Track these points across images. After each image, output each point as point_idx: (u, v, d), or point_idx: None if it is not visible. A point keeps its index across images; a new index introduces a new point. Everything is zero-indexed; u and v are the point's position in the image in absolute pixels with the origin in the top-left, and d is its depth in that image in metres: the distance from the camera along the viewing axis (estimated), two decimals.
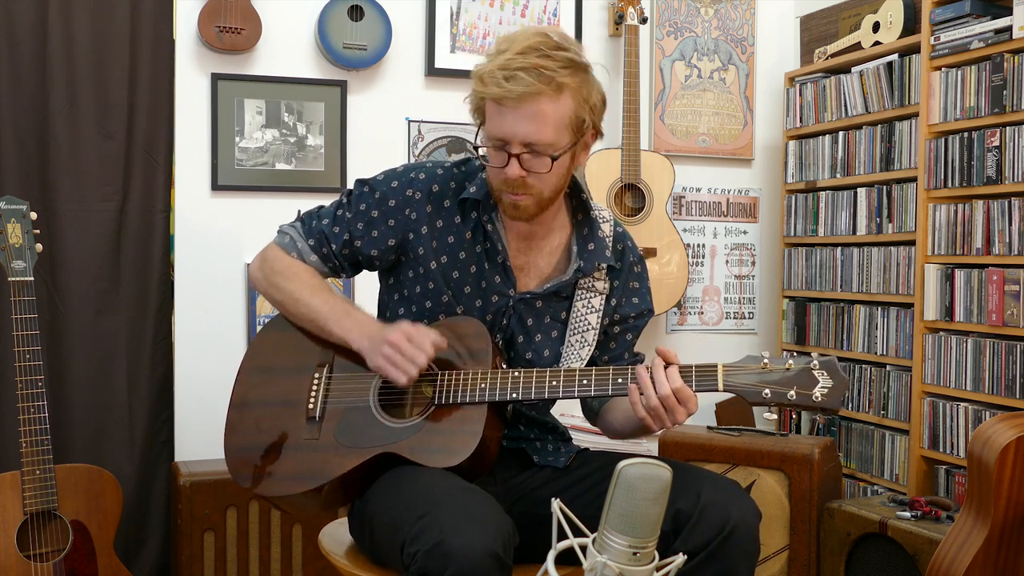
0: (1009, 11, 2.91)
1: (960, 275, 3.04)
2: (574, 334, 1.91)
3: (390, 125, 3.47)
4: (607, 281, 1.94)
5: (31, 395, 2.47)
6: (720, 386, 1.69)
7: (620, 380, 1.73)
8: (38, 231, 2.56)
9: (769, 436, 3.12)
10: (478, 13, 3.55)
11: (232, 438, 1.93)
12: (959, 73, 3.05)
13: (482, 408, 1.77)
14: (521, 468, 1.93)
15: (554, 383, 1.75)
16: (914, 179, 3.23)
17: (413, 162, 1.99)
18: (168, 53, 3.20)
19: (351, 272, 2.01)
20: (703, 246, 3.92)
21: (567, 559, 1.48)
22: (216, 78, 3.24)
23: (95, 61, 3.10)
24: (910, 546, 2.69)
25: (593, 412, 2.02)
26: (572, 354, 1.90)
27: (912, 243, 3.23)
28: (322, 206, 2.00)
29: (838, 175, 3.58)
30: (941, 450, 3.10)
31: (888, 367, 3.36)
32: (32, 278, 2.51)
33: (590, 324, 1.91)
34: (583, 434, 2.98)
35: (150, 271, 3.18)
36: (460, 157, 1.97)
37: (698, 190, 3.90)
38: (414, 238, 1.89)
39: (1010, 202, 2.89)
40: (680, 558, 1.43)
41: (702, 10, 3.87)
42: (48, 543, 2.49)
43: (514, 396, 1.76)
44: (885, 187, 3.37)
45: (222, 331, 3.25)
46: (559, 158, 1.78)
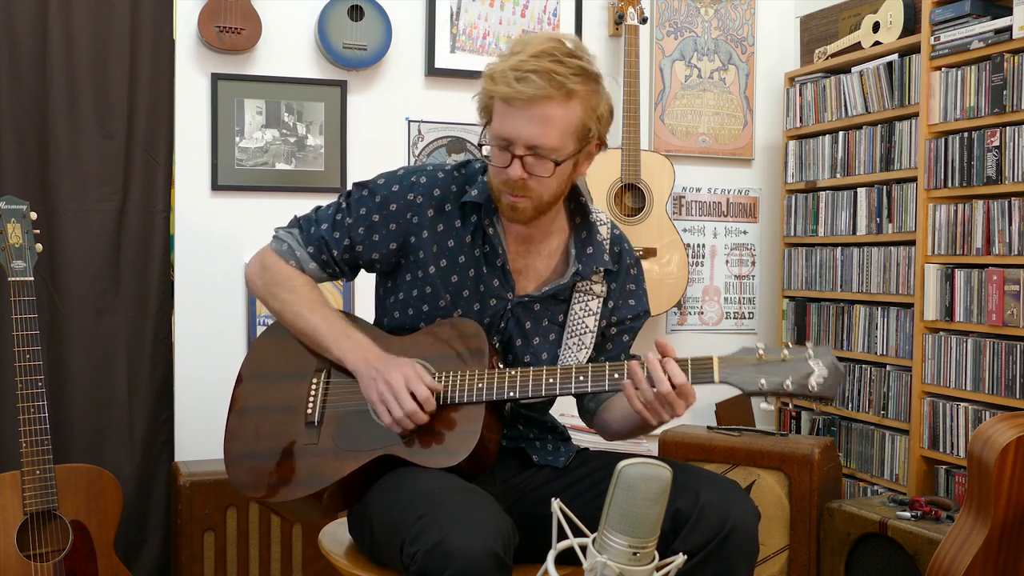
0: (1009, 11, 2.91)
1: (960, 275, 3.04)
2: (571, 336, 1.91)
3: (390, 125, 3.47)
4: (604, 284, 1.94)
5: (31, 395, 2.47)
6: (716, 378, 1.68)
7: (617, 375, 1.73)
8: (38, 231, 2.56)
9: (769, 436, 3.12)
10: (478, 13, 3.55)
11: (232, 445, 1.93)
12: (959, 73, 3.05)
13: (480, 408, 1.77)
14: (521, 468, 1.93)
15: (551, 381, 1.75)
16: (914, 179, 3.22)
17: (412, 165, 1.98)
18: (168, 53, 3.20)
19: (350, 276, 2.00)
20: (703, 246, 3.92)
21: (567, 559, 1.48)
22: (216, 78, 3.24)
23: (95, 61, 3.10)
24: (910, 546, 2.69)
25: (589, 413, 2.02)
26: (569, 357, 1.90)
27: (912, 243, 3.23)
28: (319, 207, 1.98)
29: (838, 175, 3.58)
30: (941, 450, 3.10)
31: (888, 367, 3.36)
32: (32, 278, 2.51)
33: (587, 327, 1.91)
34: (583, 434, 2.98)
35: (150, 271, 3.19)
36: (460, 160, 1.97)
37: (698, 190, 3.90)
38: (415, 241, 1.89)
39: (1010, 202, 2.89)
40: (680, 558, 1.43)
41: (702, 10, 3.87)
42: (48, 543, 2.49)
43: (512, 395, 1.76)
44: (885, 187, 3.37)
45: (222, 331, 3.25)
46: (562, 164, 1.78)
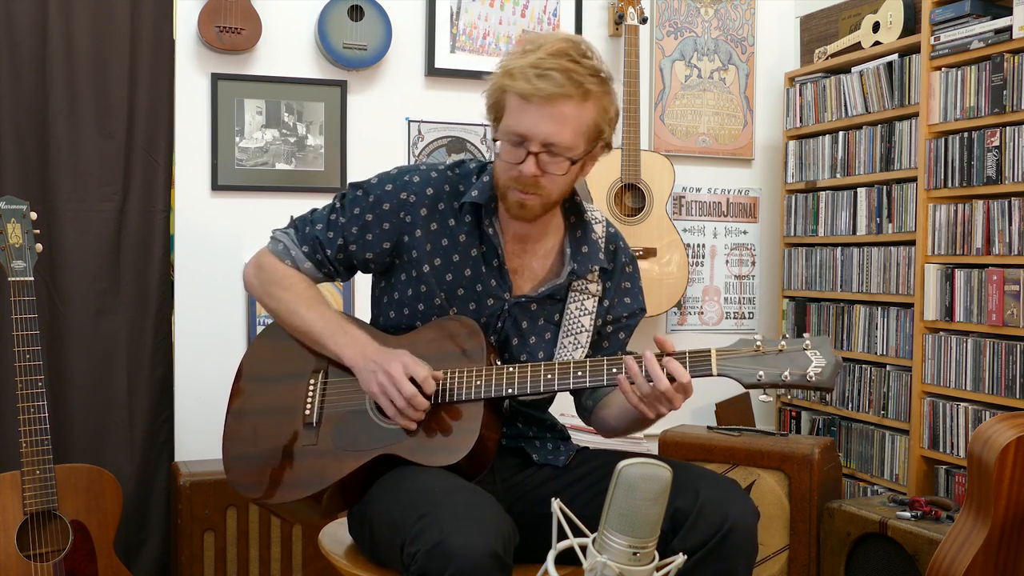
0: (1009, 11, 2.91)
1: (960, 275, 3.04)
2: (567, 335, 1.92)
3: (390, 125, 3.47)
4: (600, 283, 1.95)
5: (31, 395, 2.47)
6: (714, 371, 1.69)
7: (615, 370, 1.73)
8: (38, 231, 2.56)
9: (769, 436, 3.12)
10: (478, 13, 3.55)
11: (231, 447, 1.93)
12: (959, 73, 3.05)
13: (478, 405, 1.77)
14: (521, 467, 1.93)
15: (549, 376, 1.76)
16: (914, 179, 3.22)
17: (406, 164, 1.98)
18: (168, 53, 3.20)
19: (346, 276, 2.00)
20: (703, 246, 3.92)
21: (567, 559, 1.48)
22: (216, 78, 3.24)
23: (95, 61, 3.10)
24: (910, 546, 2.69)
25: (587, 411, 2.02)
26: (566, 356, 1.90)
27: (912, 243, 3.23)
28: (315, 209, 1.99)
29: (838, 175, 3.58)
30: (941, 450, 3.09)
31: (888, 367, 3.36)
32: (32, 278, 2.51)
33: (583, 326, 1.92)
34: (583, 434, 2.98)
35: (150, 271, 3.18)
36: (455, 159, 1.98)
37: (698, 190, 3.90)
38: (409, 241, 1.89)
39: (1010, 202, 2.89)
40: (680, 558, 1.43)
41: (702, 10, 3.87)
42: (48, 543, 2.49)
43: (510, 392, 1.76)
44: (885, 187, 3.37)
45: (222, 331, 3.25)
46: (576, 163, 1.79)
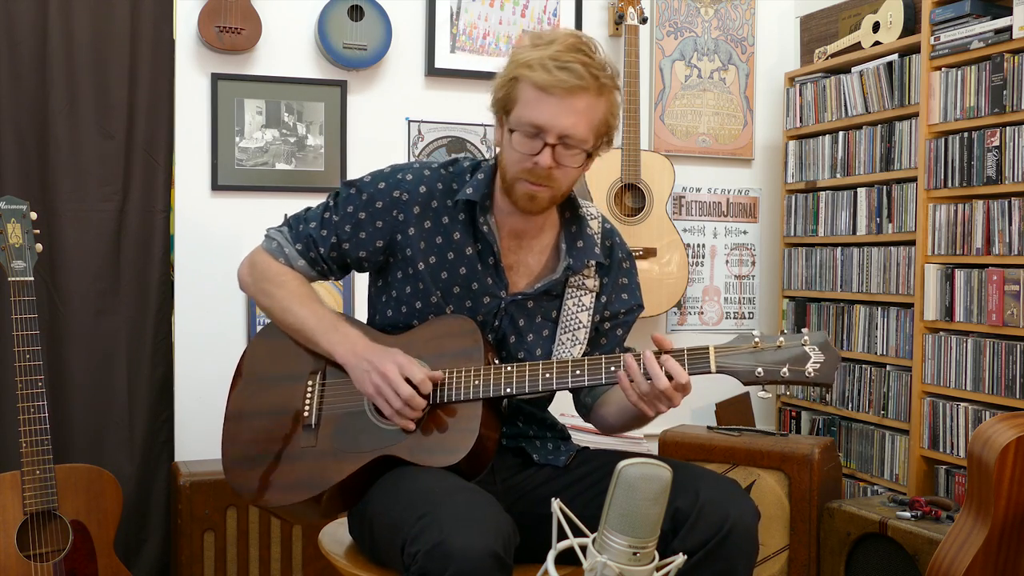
0: (1009, 11, 2.91)
1: (960, 275, 3.04)
2: (565, 332, 1.91)
3: (390, 125, 3.47)
4: (596, 279, 1.95)
5: (31, 395, 2.47)
6: (713, 368, 1.69)
7: (613, 368, 1.73)
8: (38, 231, 2.56)
9: (769, 436, 3.12)
10: (478, 13, 3.55)
11: (229, 450, 1.93)
12: (959, 73, 3.05)
13: (477, 405, 1.77)
14: (521, 467, 1.93)
15: (547, 375, 1.76)
16: (914, 179, 3.22)
17: (400, 163, 1.98)
18: (168, 53, 3.20)
19: (339, 275, 2.00)
20: (703, 246, 3.92)
21: (567, 559, 1.48)
22: (216, 78, 3.24)
23: (95, 61, 3.10)
24: (910, 546, 2.69)
25: (586, 408, 2.02)
26: (563, 352, 1.90)
27: (912, 243, 3.23)
28: (309, 208, 1.99)
29: (838, 175, 3.58)
30: (941, 450, 3.09)
31: (888, 367, 3.36)
32: (32, 278, 2.51)
33: (581, 322, 1.92)
34: (583, 434, 2.98)
35: (150, 271, 3.18)
36: (450, 158, 1.98)
37: (698, 190, 3.90)
38: (402, 239, 1.89)
39: (1010, 202, 2.89)
40: (680, 558, 1.43)
41: (702, 10, 3.87)
42: (48, 543, 2.49)
43: (508, 391, 1.76)
44: (885, 187, 3.37)
45: (222, 331, 3.25)
46: (590, 156, 1.82)
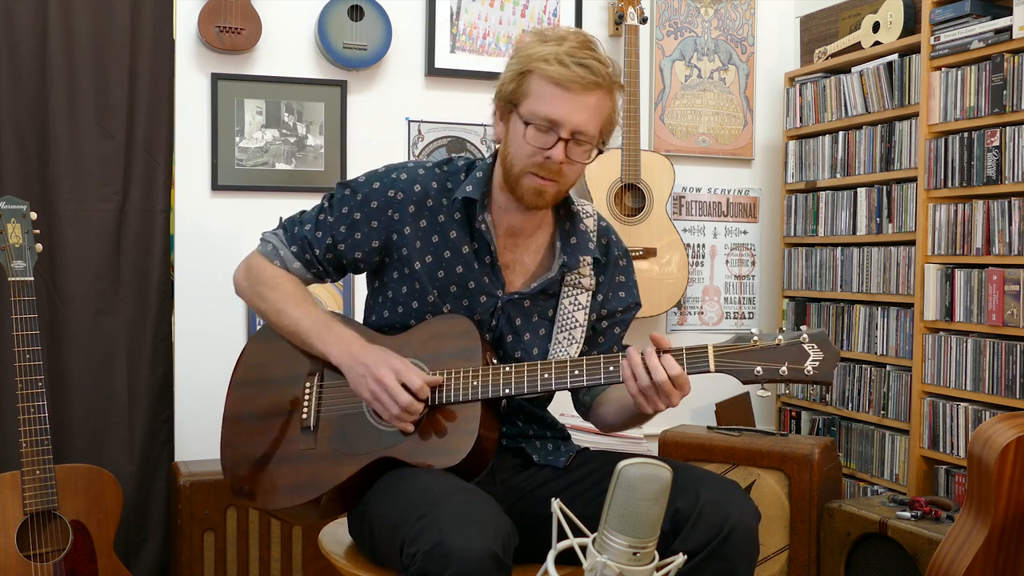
0: (1009, 11, 2.91)
1: (960, 275, 3.04)
2: (561, 331, 1.91)
3: (390, 125, 3.47)
4: (593, 277, 1.95)
5: (31, 395, 2.47)
6: (712, 367, 1.69)
7: (612, 368, 1.73)
8: (38, 231, 2.56)
9: (769, 436, 3.12)
10: (478, 13, 3.55)
11: (228, 453, 1.92)
12: (959, 73, 3.05)
13: (476, 406, 1.76)
14: (521, 468, 1.93)
15: (546, 376, 1.75)
16: (914, 179, 3.22)
17: (394, 163, 1.98)
18: (168, 53, 3.20)
19: (336, 277, 2.00)
20: (703, 246, 3.92)
21: (567, 559, 1.48)
22: (216, 78, 3.24)
23: (95, 61, 3.10)
24: (910, 546, 2.69)
25: (584, 407, 2.02)
26: (560, 351, 1.90)
27: (912, 243, 3.23)
28: (304, 211, 1.99)
29: (838, 175, 3.58)
30: (941, 450, 3.09)
31: (888, 367, 3.36)
32: (32, 278, 2.51)
33: (577, 321, 1.92)
34: (583, 434, 2.98)
35: (150, 271, 3.18)
36: (444, 158, 1.98)
37: (698, 190, 3.90)
38: (398, 239, 1.89)
39: (1010, 202, 2.89)
40: (680, 558, 1.43)
41: (702, 10, 3.87)
42: (48, 543, 2.49)
43: (507, 392, 1.76)
44: (885, 187, 3.37)
45: (222, 331, 3.25)
46: (599, 152, 1.83)
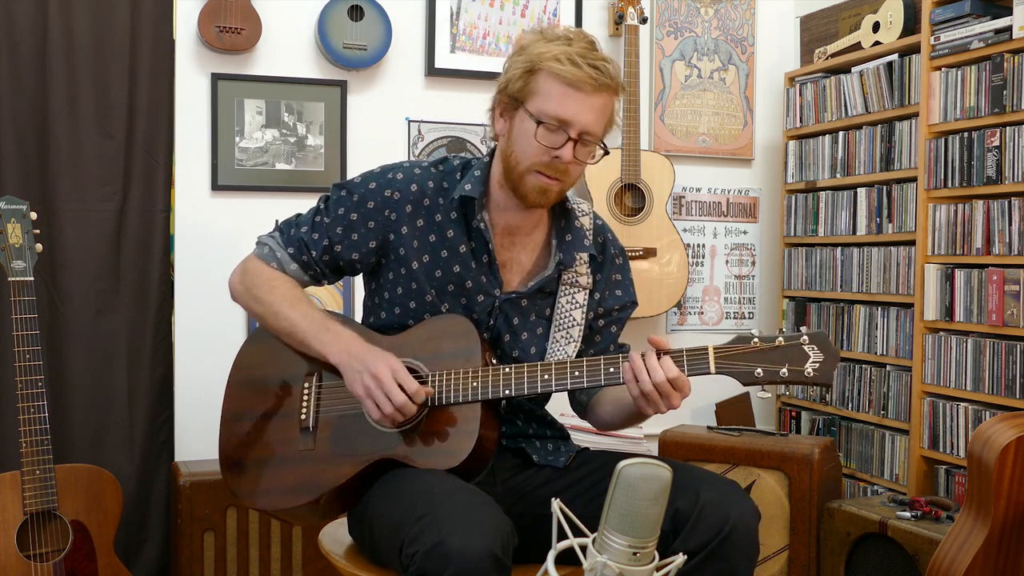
0: (1009, 11, 2.91)
1: (960, 275, 3.04)
2: (559, 330, 1.91)
3: (390, 125, 3.47)
4: (590, 275, 1.95)
5: (31, 395, 2.47)
6: (712, 369, 1.69)
7: (612, 369, 1.73)
8: (38, 231, 2.56)
9: (769, 436, 3.12)
10: (478, 13, 3.55)
11: (227, 455, 1.92)
12: (959, 73, 3.05)
13: (476, 407, 1.76)
14: (521, 468, 1.93)
15: (546, 377, 1.75)
16: (914, 179, 3.22)
17: (390, 163, 1.98)
18: (168, 53, 3.20)
19: (332, 279, 1.99)
20: (703, 246, 3.92)
21: (567, 559, 1.48)
22: (216, 78, 3.24)
23: (95, 61, 3.10)
24: (910, 546, 2.69)
25: (581, 405, 2.02)
26: (558, 350, 1.90)
27: (912, 243, 3.23)
28: (299, 214, 1.99)
29: (838, 175, 3.58)
30: (941, 450, 3.09)
31: (888, 367, 3.36)
32: (32, 278, 2.51)
33: (575, 320, 1.92)
34: (582, 434, 2.98)
35: (150, 271, 3.18)
36: (439, 157, 1.98)
37: (698, 190, 3.90)
38: (395, 239, 1.89)
39: (1010, 202, 2.89)
40: (680, 558, 1.43)
41: (702, 10, 3.87)
42: (48, 543, 2.49)
43: (507, 392, 1.76)
44: (885, 187, 3.37)
45: (222, 331, 3.24)
46: (608, 152, 1.84)
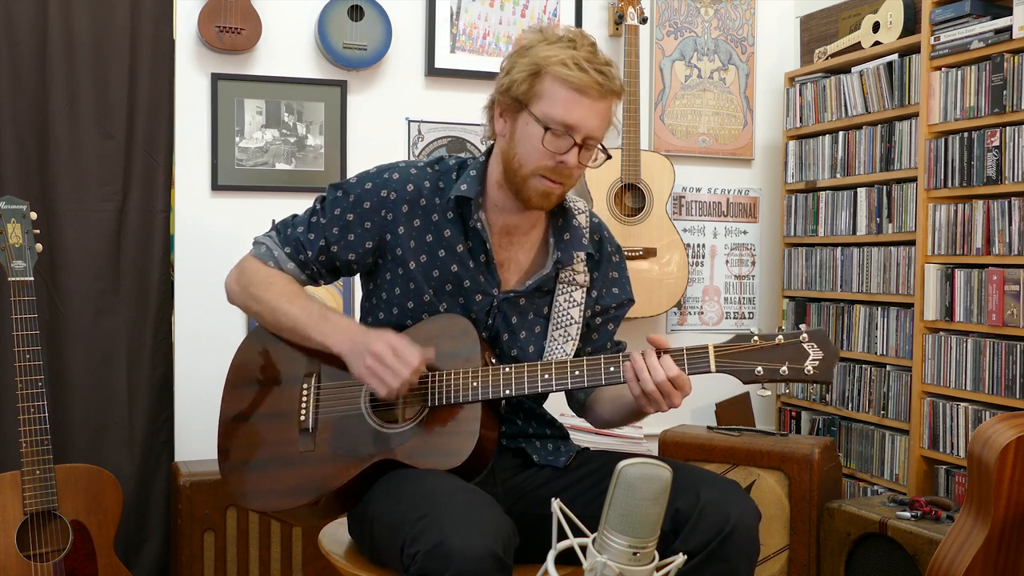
0: (1009, 11, 2.91)
1: (960, 275, 3.04)
2: (557, 328, 1.92)
3: (390, 125, 3.47)
4: (587, 273, 1.95)
5: (31, 395, 2.47)
6: (712, 367, 1.69)
7: (612, 369, 1.73)
8: (38, 231, 2.56)
9: (769, 436, 3.12)
10: (478, 13, 3.55)
11: (227, 456, 1.91)
12: (959, 73, 3.05)
13: (476, 407, 1.76)
14: (521, 468, 1.93)
15: (546, 376, 1.75)
16: (914, 179, 3.22)
17: (386, 163, 1.98)
18: (168, 53, 3.20)
19: (329, 279, 1.99)
20: (703, 246, 3.92)
21: (567, 559, 1.48)
22: (216, 78, 3.24)
23: (95, 61, 3.10)
24: (910, 546, 2.69)
25: (579, 404, 2.02)
26: (556, 348, 1.90)
27: (912, 243, 3.23)
28: (296, 214, 1.98)
29: (838, 175, 3.58)
30: (941, 450, 3.09)
31: (888, 367, 3.36)
32: (32, 278, 2.51)
33: (572, 318, 1.92)
34: (582, 434, 2.98)
35: (150, 271, 3.18)
36: (435, 157, 1.98)
37: (698, 190, 3.90)
38: (391, 239, 1.89)
39: (1010, 202, 2.89)
40: (680, 558, 1.43)
41: (702, 10, 3.87)
42: (48, 543, 2.49)
43: (507, 392, 1.76)
44: (885, 187, 3.37)
45: (222, 331, 3.24)
46: (610, 156, 1.85)
